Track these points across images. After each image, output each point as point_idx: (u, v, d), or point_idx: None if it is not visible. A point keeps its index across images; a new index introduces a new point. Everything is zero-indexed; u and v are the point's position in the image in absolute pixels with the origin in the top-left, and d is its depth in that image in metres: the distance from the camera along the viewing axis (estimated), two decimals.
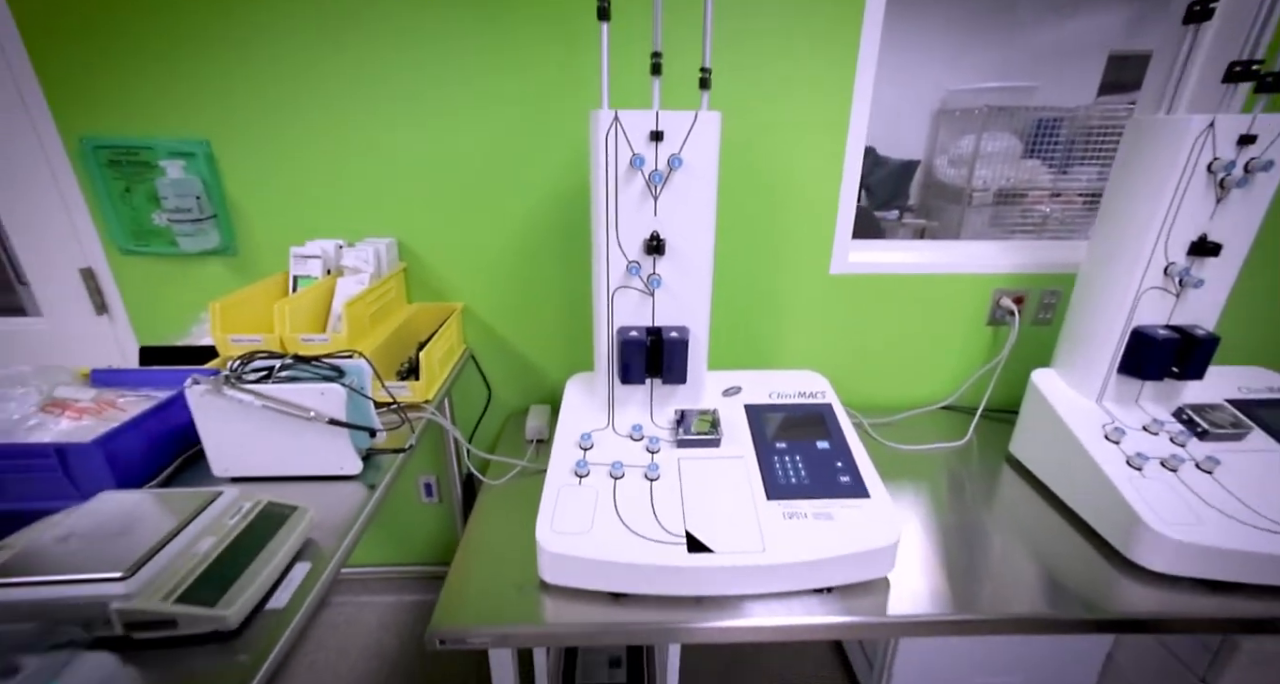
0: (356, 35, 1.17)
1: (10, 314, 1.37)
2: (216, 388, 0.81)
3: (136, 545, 0.63)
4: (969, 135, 3.29)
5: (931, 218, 3.57)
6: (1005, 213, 3.27)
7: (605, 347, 1.07)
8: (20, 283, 2.25)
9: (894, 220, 3.37)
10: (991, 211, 3.28)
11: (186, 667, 0.57)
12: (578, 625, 0.85)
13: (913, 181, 3.56)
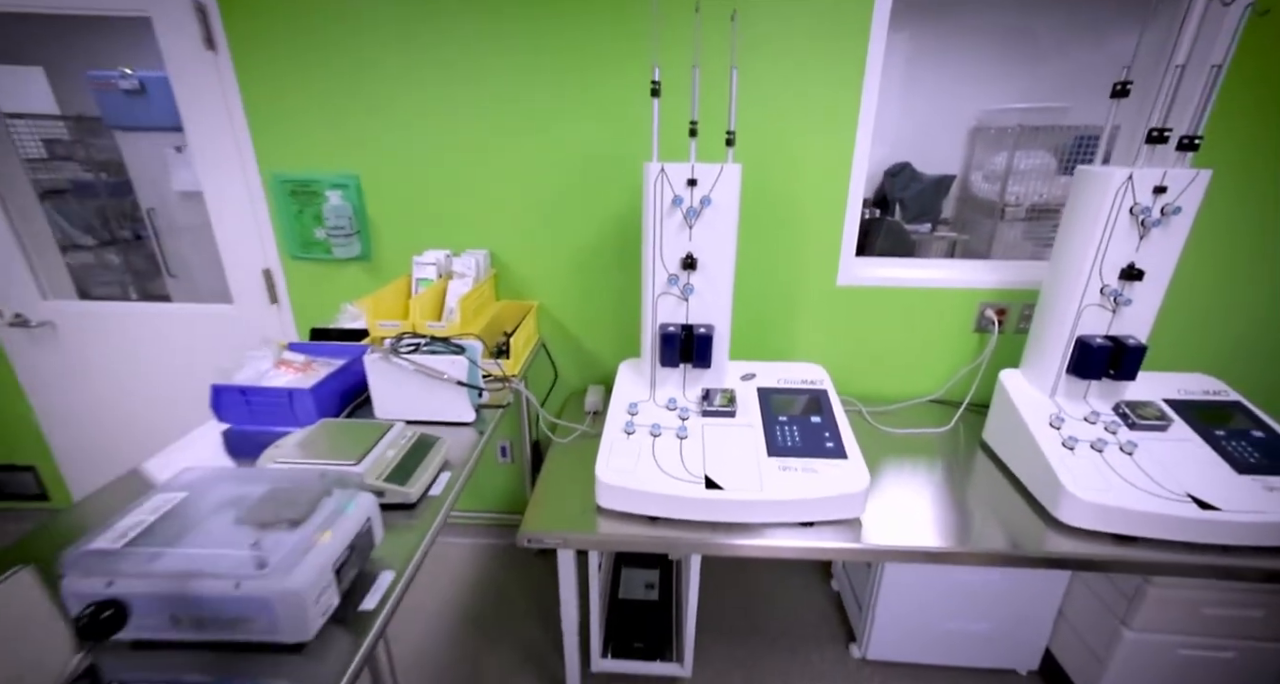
0: (466, 98, 1.55)
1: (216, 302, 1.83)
2: (385, 356, 1.19)
3: (355, 448, 1.00)
4: (1003, 152, 3.45)
5: (966, 231, 3.73)
6: (1037, 227, 3.41)
7: (650, 338, 1.40)
8: (170, 275, 2.76)
9: (926, 233, 3.55)
10: (1024, 226, 3.43)
11: (391, 521, 0.94)
12: (623, 536, 1.18)
13: (947, 196, 3.73)
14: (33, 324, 1.82)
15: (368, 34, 1.51)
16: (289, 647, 0.71)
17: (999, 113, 3.50)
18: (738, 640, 1.67)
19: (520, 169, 1.62)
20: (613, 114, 1.54)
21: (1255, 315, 1.61)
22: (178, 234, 2.52)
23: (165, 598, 0.66)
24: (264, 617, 0.68)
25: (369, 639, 0.75)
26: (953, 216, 3.89)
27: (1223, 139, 1.41)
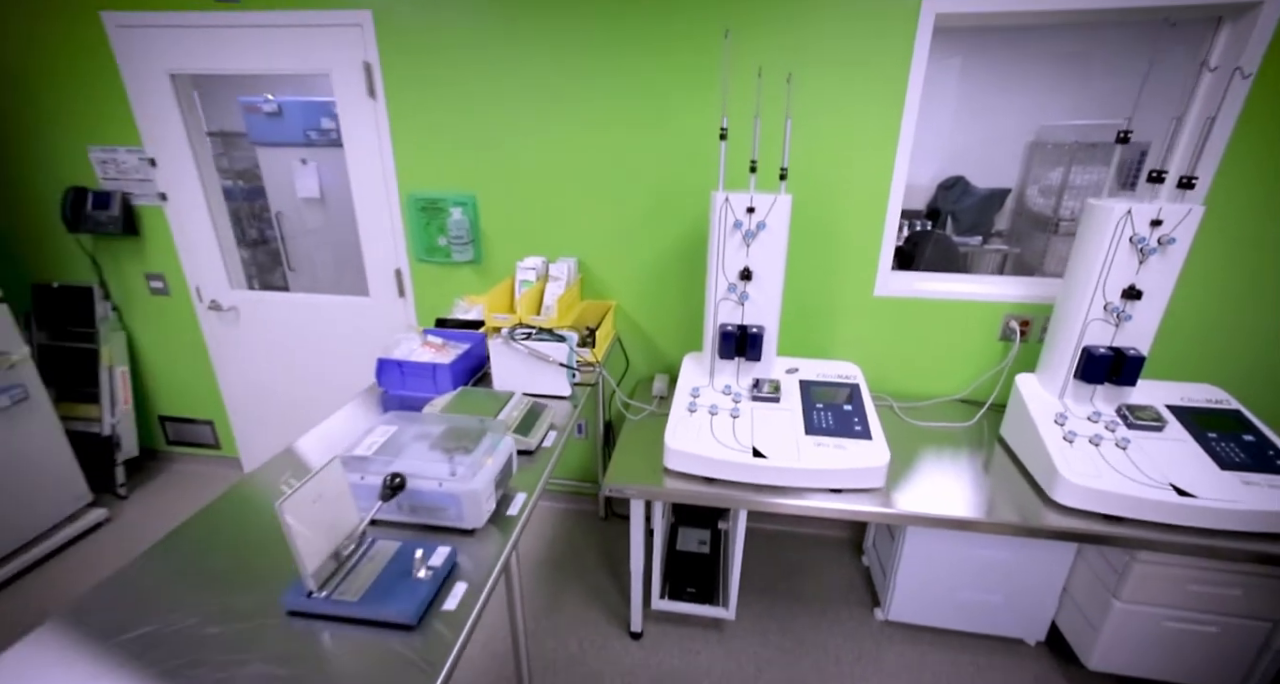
0: (562, 134, 1.89)
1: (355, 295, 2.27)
2: (506, 341, 1.55)
3: (491, 408, 1.36)
4: (1060, 167, 3.52)
5: (1019, 244, 3.81)
6: None
7: (711, 335, 1.70)
8: (289, 269, 3.24)
9: (977, 246, 3.67)
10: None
11: (519, 462, 1.28)
12: (684, 492, 1.49)
13: (1001, 210, 3.82)
14: (223, 308, 2.32)
15: (486, 84, 1.87)
16: (466, 531, 1.06)
17: (1056, 128, 3.57)
18: (775, 599, 1.94)
19: (605, 192, 1.95)
20: (684, 150, 1.85)
21: (1267, 335, 1.74)
22: (297, 234, 2.99)
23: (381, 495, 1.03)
24: (453, 508, 1.04)
25: (515, 532, 1.09)
26: (1007, 230, 3.97)
27: (1226, 178, 1.57)
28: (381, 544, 0.99)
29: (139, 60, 2.04)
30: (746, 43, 1.69)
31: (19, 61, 2.08)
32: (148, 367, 2.51)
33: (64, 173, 2.21)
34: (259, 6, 1.92)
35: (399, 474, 0.98)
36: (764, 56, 1.69)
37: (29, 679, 0.80)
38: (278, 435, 2.53)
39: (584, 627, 1.82)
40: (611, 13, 1.73)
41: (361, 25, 1.89)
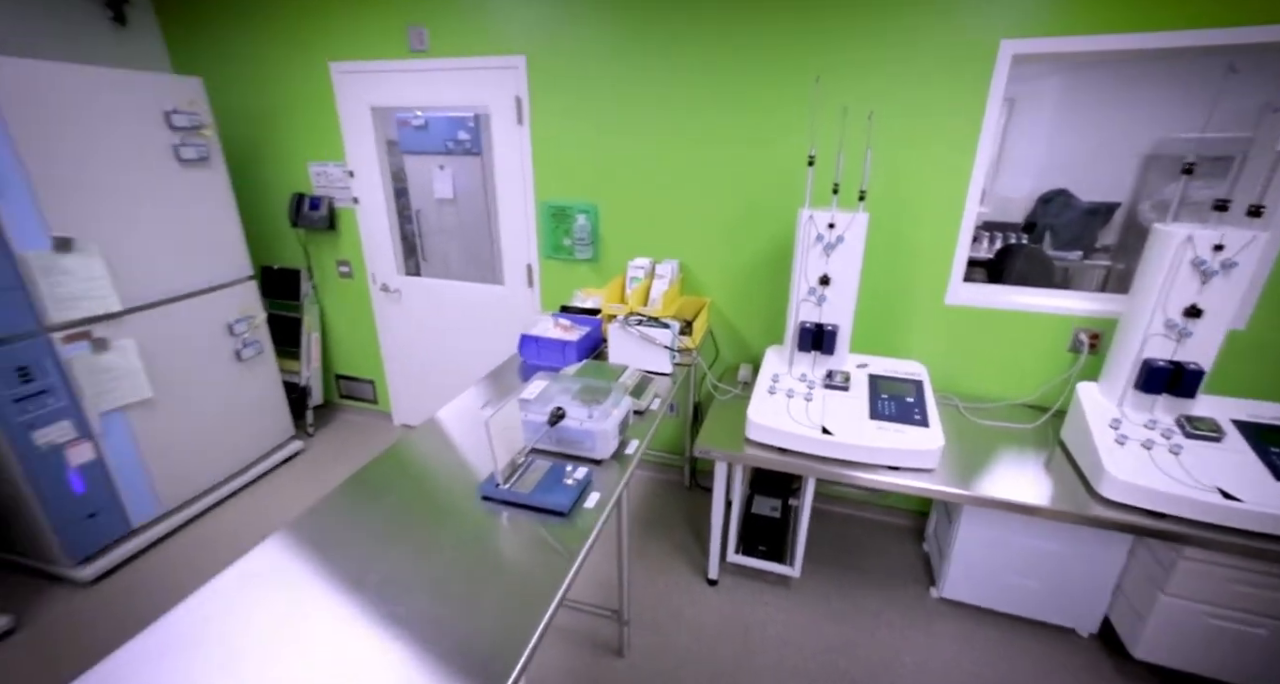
0: (670, 154, 2.24)
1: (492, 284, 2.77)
2: (622, 326, 1.92)
3: (612, 376, 1.74)
4: (1175, 181, 3.40)
5: (1126, 260, 3.69)
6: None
7: (792, 331, 1.98)
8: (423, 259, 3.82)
9: (1076, 261, 3.61)
10: None
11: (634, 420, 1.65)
12: (763, 458, 1.79)
13: (1108, 224, 3.72)
14: (391, 289, 2.90)
15: (611, 113, 2.26)
16: (596, 460, 1.44)
17: (1174, 141, 3.44)
18: (838, 569, 2.18)
19: (705, 205, 2.28)
20: (775, 172, 2.13)
21: None
22: (431, 230, 3.52)
23: (542, 426, 1.42)
24: (588, 441, 1.41)
25: (631, 465, 1.45)
26: (1115, 244, 3.85)
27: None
28: (538, 462, 1.38)
29: (350, 96, 2.64)
30: (834, 85, 1.95)
31: (269, 100, 2.75)
32: (331, 334, 3.16)
33: (291, 182, 2.87)
34: (440, 54, 2.43)
35: (561, 408, 1.37)
36: (848, 96, 1.94)
37: (287, 560, 1.27)
38: (421, 395, 3.10)
39: (668, 572, 2.17)
40: (721, 57, 2.06)
41: (516, 67, 2.35)
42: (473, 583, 1.09)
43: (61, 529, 1.99)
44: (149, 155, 2.17)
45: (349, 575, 1.11)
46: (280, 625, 1.00)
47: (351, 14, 2.48)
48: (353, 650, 0.95)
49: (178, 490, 2.37)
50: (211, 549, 2.27)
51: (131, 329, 2.14)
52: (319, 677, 0.91)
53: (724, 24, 2.02)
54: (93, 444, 2.05)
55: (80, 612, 1.97)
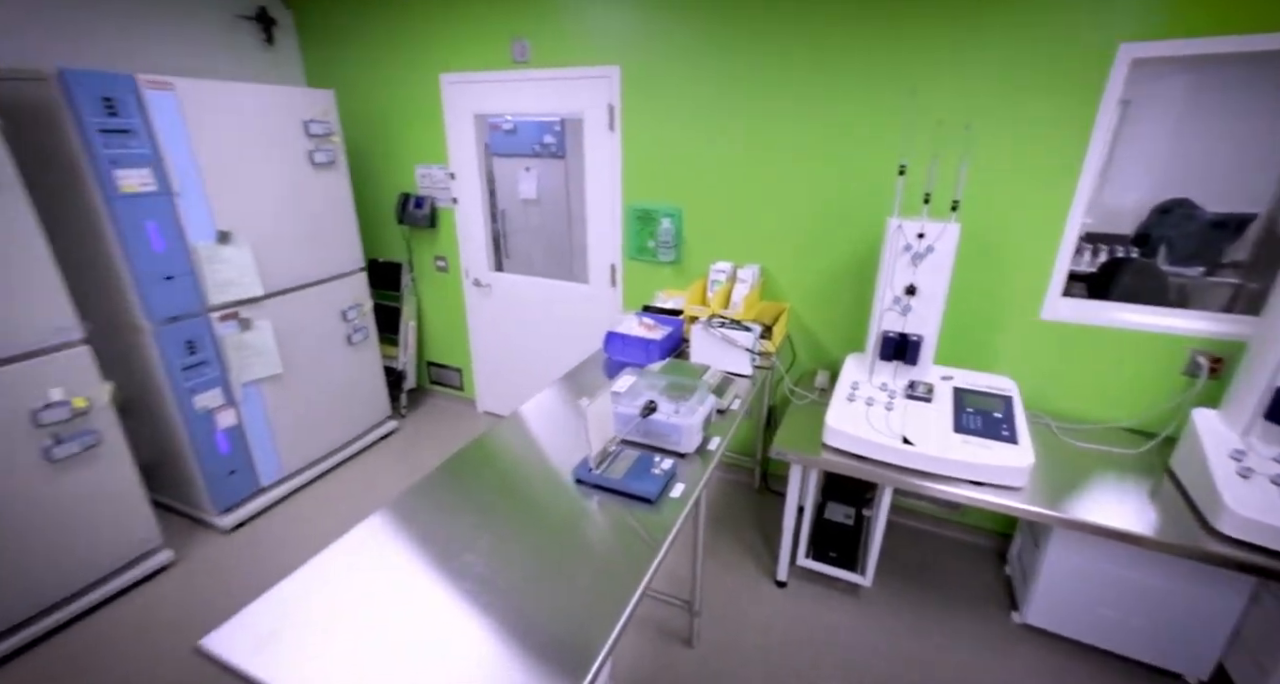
0: (755, 159, 2.28)
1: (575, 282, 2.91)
2: (705, 328, 1.99)
3: (695, 375, 1.81)
4: None
5: (1261, 277, 3.34)
6: None
7: (874, 339, 1.98)
8: (506, 256, 4.03)
9: (1196, 277, 3.31)
10: None
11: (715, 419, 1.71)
12: (840, 464, 1.80)
13: (1241, 238, 3.38)
14: (482, 284, 3.12)
15: (699, 120, 2.33)
16: (680, 454, 1.52)
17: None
18: (912, 584, 2.15)
19: (789, 212, 2.30)
20: (862, 181, 2.13)
21: None
22: (515, 229, 3.71)
23: (632, 418, 1.51)
24: (674, 435, 1.49)
25: (714, 460, 1.52)
26: (1247, 260, 3.49)
27: None
28: (627, 451, 1.48)
29: (456, 104, 2.86)
30: (930, 95, 1.93)
31: (385, 109, 3.02)
32: (426, 323, 3.42)
33: (399, 183, 3.14)
34: (540, 65, 2.59)
35: (653, 402, 1.46)
36: (945, 107, 1.91)
37: (389, 535, 1.42)
38: (503, 385, 3.30)
39: (735, 570, 2.21)
40: (811, 69, 2.08)
41: (610, 77, 2.47)
42: (562, 565, 1.18)
43: (209, 482, 2.31)
44: (289, 159, 2.45)
45: (447, 552, 1.24)
46: (380, 594, 1.11)
47: (462, 29, 2.68)
48: (445, 622, 1.04)
49: (296, 457, 2.66)
50: (321, 511, 2.54)
51: (269, 312, 2.44)
52: (412, 643, 1.00)
53: (816, 38, 2.05)
54: (235, 411, 2.36)
55: (221, 554, 2.28)
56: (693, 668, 1.81)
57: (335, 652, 0.99)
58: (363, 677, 0.94)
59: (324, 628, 1.03)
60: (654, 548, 1.24)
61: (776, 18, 2.08)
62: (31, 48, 2.20)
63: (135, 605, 2.03)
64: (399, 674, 0.95)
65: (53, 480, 1.84)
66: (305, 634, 1.02)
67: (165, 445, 2.29)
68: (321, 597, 1.10)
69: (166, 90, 2.00)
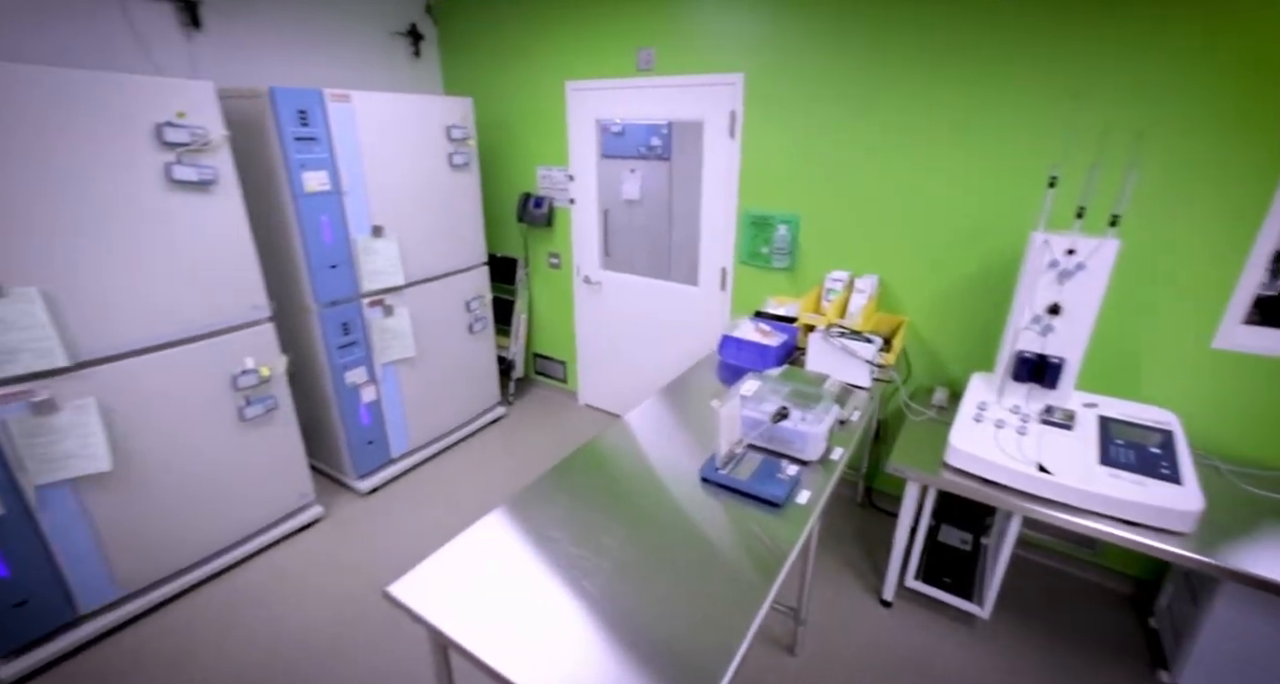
0: (882, 167, 2.22)
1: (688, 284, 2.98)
2: (825, 337, 1.98)
3: (815, 383, 1.81)
4: None
5: None
6: None
7: (1006, 358, 1.88)
8: (607, 255, 4.14)
9: None
10: None
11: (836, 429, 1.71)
12: (964, 486, 1.73)
13: None
14: (592, 281, 3.26)
15: (821, 127, 2.31)
16: (804, 461, 1.53)
17: None
18: (1033, 621, 2.02)
19: (913, 222, 2.23)
20: (996, 191, 2.03)
21: None
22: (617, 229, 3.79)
23: (758, 422, 1.54)
24: (799, 442, 1.51)
25: (838, 470, 1.52)
26: None
27: None
28: (750, 455, 1.51)
29: (579, 110, 3.00)
30: (1094, 101, 1.80)
31: (513, 113, 3.23)
32: (535, 316, 3.62)
33: (521, 183, 3.35)
34: (663, 73, 2.67)
35: (785, 407, 1.49)
36: (1113, 113, 1.78)
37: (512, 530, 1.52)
38: (605, 379, 3.42)
39: (838, 584, 2.18)
40: (946, 77, 2.00)
41: (734, 84, 2.50)
42: (687, 568, 1.20)
43: (352, 449, 2.59)
44: (431, 160, 2.69)
45: (580, 538, 1.33)
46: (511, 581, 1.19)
47: (589, 40, 2.82)
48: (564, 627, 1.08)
49: (421, 433, 2.92)
50: (440, 485, 2.77)
51: (407, 300, 2.69)
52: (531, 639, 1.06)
53: (959, 39, 1.97)
54: (375, 387, 2.63)
55: (360, 514, 2.55)
56: (794, 676, 1.81)
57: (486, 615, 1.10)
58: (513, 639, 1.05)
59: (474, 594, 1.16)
60: (779, 557, 1.25)
61: (913, 16, 2.03)
62: (233, 69, 2.56)
63: (296, 550, 2.33)
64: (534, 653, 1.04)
65: (242, 436, 2.15)
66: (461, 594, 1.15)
67: (319, 413, 2.60)
68: (469, 566, 1.23)
69: (345, 102, 2.26)
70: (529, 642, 1.04)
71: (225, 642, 1.92)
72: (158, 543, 2.00)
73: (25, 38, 1.96)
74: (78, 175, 1.65)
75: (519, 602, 1.13)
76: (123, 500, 1.88)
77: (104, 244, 1.73)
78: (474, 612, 1.10)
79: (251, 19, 2.55)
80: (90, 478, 1.78)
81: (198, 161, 1.88)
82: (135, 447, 1.87)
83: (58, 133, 1.60)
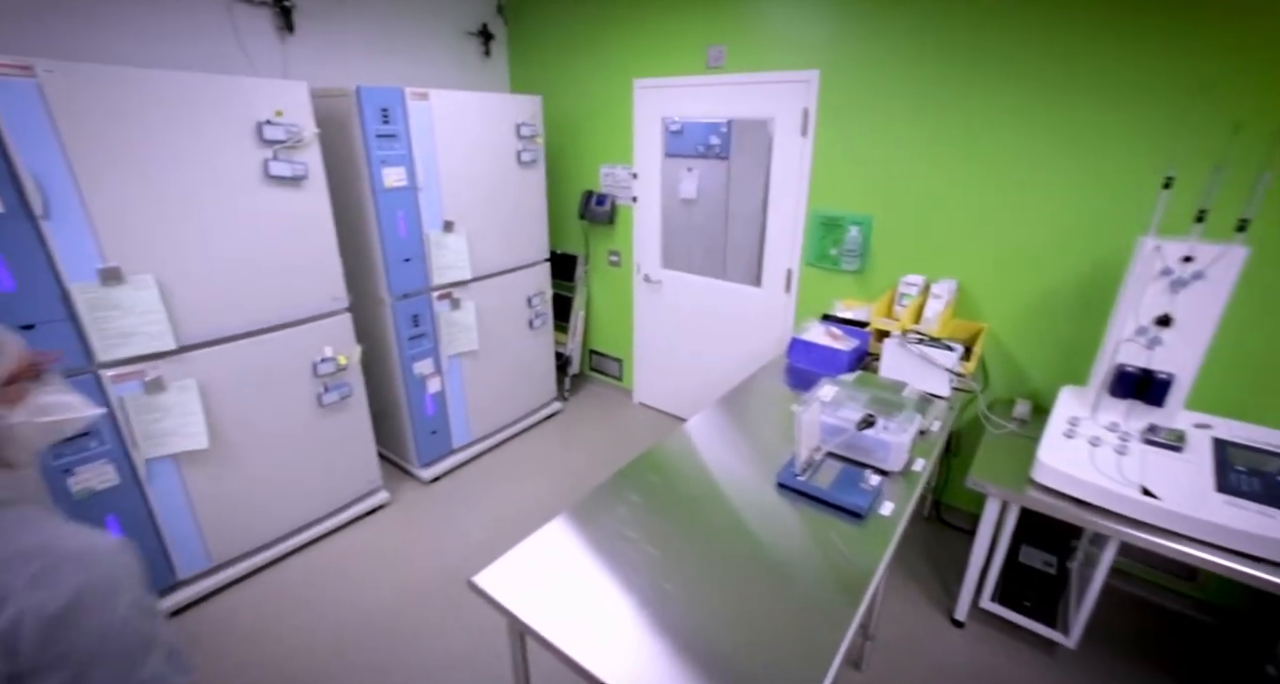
0: (964, 169, 2.11)
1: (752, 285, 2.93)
2: (902, 343, 1.90)
3: (894, 392, 1.74)
4: None
5: None
6: None
7: (1104, 371, 1.75)
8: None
9: None
10: None
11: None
12: (1053, 506, 1.63)
13: None
14: (652, 280, 3.25)
15: (900, 125, 2.21)
16: (884, 471, 1.47)
17: None
18: (1128, 658, 1.86)
19: (996, 226, 2.12)
20: (1097, 192, 1.89)
21: None
22: (673, 228, 3.76)
23: (838, 429, 1.49)
24: (881, 451, 1.45)
25: (920, 482, 1.45)
26: None
27: None
28: (829, 462, 1.47)
29: (645, 108, 2.99)
30: (1225, 92, 1.65)
31: (579, 111, 3.25)
32: (593, 313, 3.64)
33: (584, 181, 3.37)
34: (734, 70, 2.63)
35: (872, 415, 1.44)
36: (1248, 107, 1.63)
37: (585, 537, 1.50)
38: (662, 378, 3.41)
39: (905, 600, 2.09)
40: (1049, 58, 1.88)
41: (809, 81, 2.43)
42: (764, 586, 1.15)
43: (417, 438, 2.67)
44: (501, 157, 2.74)
45: (652, 542, 1.31)
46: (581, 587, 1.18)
47: (658, 38, 2.80)
48: (638, 625, 1.06)
49: (480, 426, 2.98)
50: (497, 477, 2.82)
51: (473, 294, 2.75)
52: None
53: (1055, 26, 1.85)
54: (440, 379, 2.70)
55: (423, 502, 2.63)
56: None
57: (562, 607, 1.10)
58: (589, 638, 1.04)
59: (550, 587, 1.16)
60: (863, 574, 1.20)
61: (1016, 9, 1.92)
62: (316, 70, 2.67)
63: (363, 533, 2.42)
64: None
65: (319, 422, 2.25)
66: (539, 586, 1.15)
67: (387, 402, 2.69)
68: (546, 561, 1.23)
69: (424, 100, 2.32)
70: (603, 635, 1.04)
71: (298, 618, 2.01)
72: (242, 520, 2.11)
73: (138, 41, 2.10)
74: (187, 170, 1.76)
75: (594, 596, 1.13)
76: (215, 476, 1.99)
77: (208, 236, 1.83)
78: (550, 603, 1.10)
79: (336, 22, 2.66)
80: (190, 454, 1.89)
81: (291, 158, 1.97)
82: (226, 427, 1.98)
83: (171, 131, 1.71)
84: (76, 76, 1.53)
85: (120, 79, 1.60)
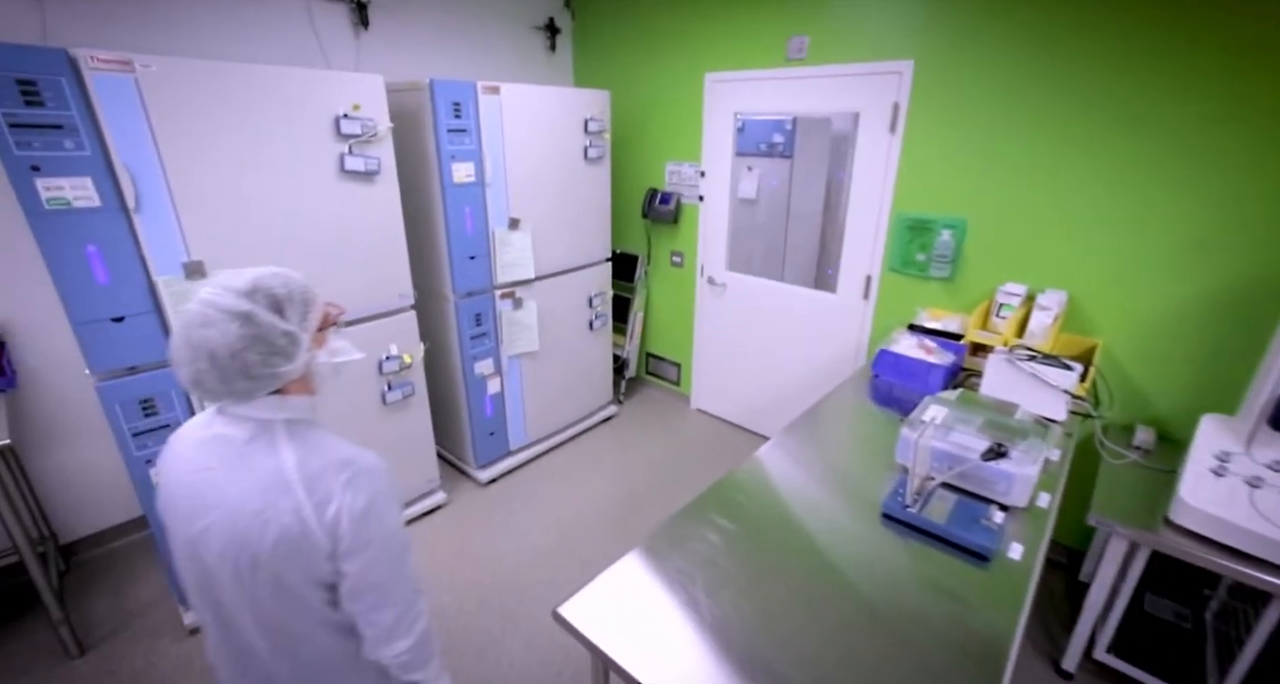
0: (1073, 168, 1.89)
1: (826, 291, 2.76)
2: (1009, 360, 1.71)
3: (1005, 415, 1.56)
4: None
5: None
6: None
7: (1265, 400, 1.52)
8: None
9: None
10: None
11: None
12: (1195, 554, 1.41)
13: None
14: (716, 283, 3.12)
15: (1001, 123, 2.01)
16: (1005, 506, 1.30)
17: None
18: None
19: (1111, 232, 1.90)
20: (1232, 196, 1.66)
21: None
22: (737, 229, 3.58)
23: (951, 456, 1.33)
24: (1003, 483, 1.28)
25: (1049, 522, 1.27)
26: None
27: None
28: (941, 493, 1.31)
29: (716, 103, 2.86)
30: None
31: (645, 107, 3.15)
32: (652, 315, 3.54)
33: (649, 179, 3.27)
34: (816, 62, 2.47)
35: (1002, 444, 1.27)
36: None
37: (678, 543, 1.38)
38: (722, 385, 3.27)
39: None
40: (1175, 45, 1.65)
41: (901, 73, 2.25)
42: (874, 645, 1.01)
43: (475, 439, 2.62)
44: (567, 153, 2.66)
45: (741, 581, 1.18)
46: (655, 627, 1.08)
47: (734, 29, 2.67)
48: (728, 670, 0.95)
49: (537, 428, 2.91)
50: (554, 480, 2.75)
51: (535, 293, 2.68)
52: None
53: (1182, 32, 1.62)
54: (500, 379, 2.64)
55: (480, 503, 2.58)
56: None
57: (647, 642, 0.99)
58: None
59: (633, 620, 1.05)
60: (1000, 638, 1.00)
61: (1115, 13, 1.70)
62: (386, 65, 2.66)
63: (421, 534, 2.38)
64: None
65: (383, 420, 2.22)
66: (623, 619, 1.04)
67: (446, 402, 2.65)
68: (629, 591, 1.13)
69: (495, 94, 2.27)
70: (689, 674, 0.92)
71: None
72: None
73: (220, 39, 2.12)
74: (266, 164, 1.74)
75: (681, 634, 1.01)
76: None
77: (284, 231, 1.82)
78: (636, 639, 1.00)
79: (409, 18, 2.64)
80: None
81: (366, 152, 1.94)
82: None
83: (255, 124, 1.69)
84: (172, 71, 1.53)
85: (211, 73, 1.59)
